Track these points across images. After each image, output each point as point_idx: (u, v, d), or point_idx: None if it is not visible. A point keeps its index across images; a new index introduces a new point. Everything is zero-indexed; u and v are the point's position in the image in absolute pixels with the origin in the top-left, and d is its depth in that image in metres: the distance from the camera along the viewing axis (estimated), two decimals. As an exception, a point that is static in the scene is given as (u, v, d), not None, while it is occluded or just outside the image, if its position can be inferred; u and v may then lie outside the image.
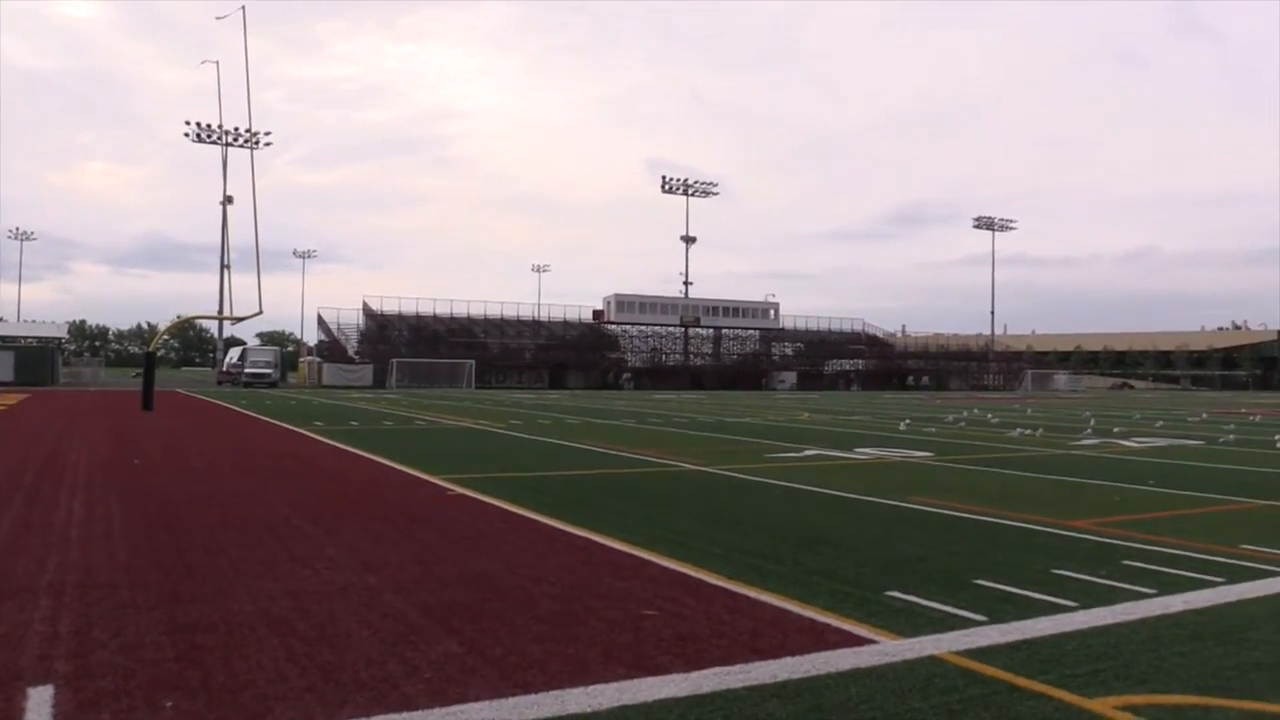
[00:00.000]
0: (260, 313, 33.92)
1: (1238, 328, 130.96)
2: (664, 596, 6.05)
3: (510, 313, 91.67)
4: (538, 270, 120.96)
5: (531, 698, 4.17)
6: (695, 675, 4.49)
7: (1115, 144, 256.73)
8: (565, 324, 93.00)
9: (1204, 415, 34.93)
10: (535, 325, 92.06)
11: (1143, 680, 4.54)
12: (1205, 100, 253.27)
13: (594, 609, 5.72)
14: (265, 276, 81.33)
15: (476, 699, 4.15)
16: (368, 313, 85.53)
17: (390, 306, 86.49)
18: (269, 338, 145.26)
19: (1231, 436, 22.85)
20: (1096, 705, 4.18)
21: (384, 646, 4.91)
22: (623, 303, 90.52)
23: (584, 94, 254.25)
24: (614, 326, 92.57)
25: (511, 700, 4.14)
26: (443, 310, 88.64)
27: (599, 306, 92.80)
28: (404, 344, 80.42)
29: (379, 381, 72.02)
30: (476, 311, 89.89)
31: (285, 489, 11.42)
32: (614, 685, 4.33)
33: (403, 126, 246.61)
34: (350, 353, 79.88)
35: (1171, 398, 68.00)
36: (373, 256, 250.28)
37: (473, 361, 75.68)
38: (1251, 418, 33.81)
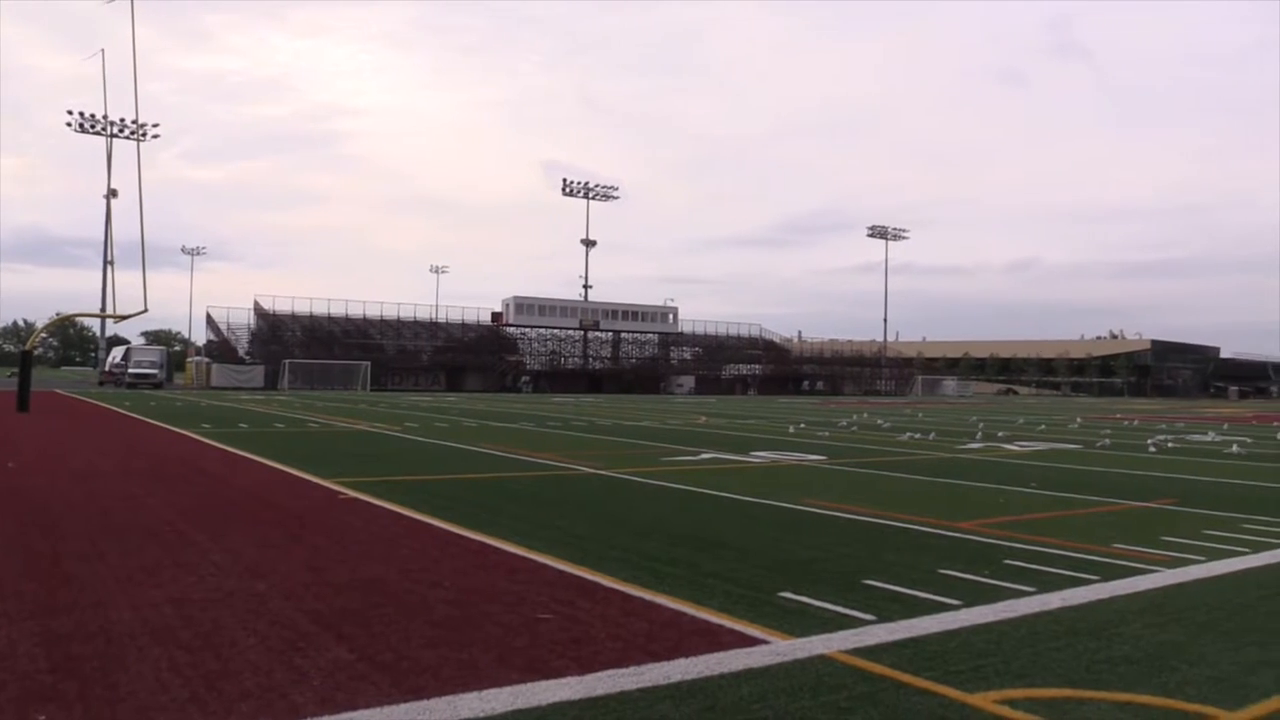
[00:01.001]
0: (145, 311, 32.75)
1: (1115, 337, 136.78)
2: (560, 600, 6.04)
3: (407, 314, 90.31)
4: (436, 271, 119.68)
5: (423, 703, 4.13)
6: (589, 678, 4.49)
7: (1000, 158, 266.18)
8: (463, 326, 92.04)
9: (1079, 421, 36.37)
10: (433, 327, 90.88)
11: (1021, 675, 4.71)
12: (1082, 118, 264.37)
13: (489, 613, 5.68)
14: (151, 273, 78.67)
15: (367, 706, 4.09)
16: (259, 312, 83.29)
17: (283, 306, 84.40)
18: (155, 337, 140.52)
19: (1107, 441, 23.84)
20: (977, 700, 4.32)
21: (271, 654, 4.80)
22: (522, 305, 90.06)
23: (482, 95, 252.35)
24: (513, 329, 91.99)
25: (403, 706, 4.09)
26: (337, 311, 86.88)
27: (498, 309, 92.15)
28: (297, 345, 78.53)
29: (270, 383, 70.26)
30: (373, 312, 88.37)
31: (170, 493, 11.05)
32: (508, 689, 4.31)
33: (296, 123, 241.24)
34: (240, 353, 77.71)
35: (1053, 403, 70.68)
36: (265, 255, 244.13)
37: (368, 363, 74.41)
38: (1125, 423, 35.34)
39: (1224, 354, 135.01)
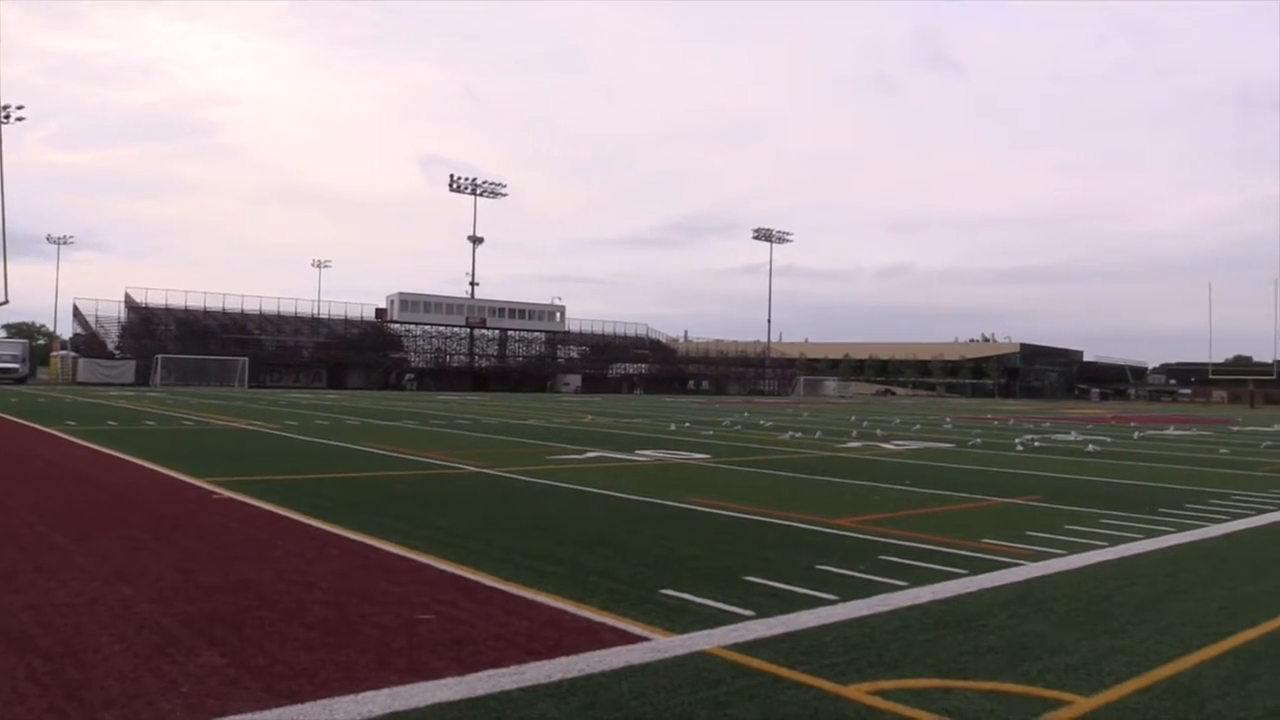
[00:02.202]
0: (6, 302, 31.11)
1: (986, 340, 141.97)
2: (441, 600, 5.98)
3: (288, 309, 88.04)
4: (318, 266, 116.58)
5: (298, 708, 4.03)
6: (470, 678, 4.46)
7: (875, 164, 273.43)
8: (346, 322, 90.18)
9: (948, 421, 37.64)
10: (314, 323, 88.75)
11: (893, 666, 4.86)
12: (952, 128, 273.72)
13: (367, 614, 5.58)
14: (12, 263, 74.70)
15: (239, 712, 3.97)
16: (130, 305, 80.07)
17: (156, 299, 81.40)
18: (16, 329, 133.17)
19: (978, 440, 24.74)
20: (851, 691, 4.44)
21: (137, 661, 4.62)
22: (406, 301, 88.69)
23: (365, 87, 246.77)
24: (397, 326, 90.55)
25: (276, 711, 3.99)
26: (214, 305, 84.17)
27: (382, 305, 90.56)
28: (171, 339, 75.79)
29: (142, 379, 67.68)
30: (251, 307, 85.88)
31: (31, 494, 10.54)
32: (386, 691, 4.25)
33: (170, 109, 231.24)
34: (110, 348, 74.55)
35: (928, 403, 72.98)
36: (137, 245, 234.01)
37: (246, 359, 72.26)
38: (995, 423, 36.73)
39: (1087, 357, 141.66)
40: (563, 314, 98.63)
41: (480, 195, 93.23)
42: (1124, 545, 8.68)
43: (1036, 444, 23.60)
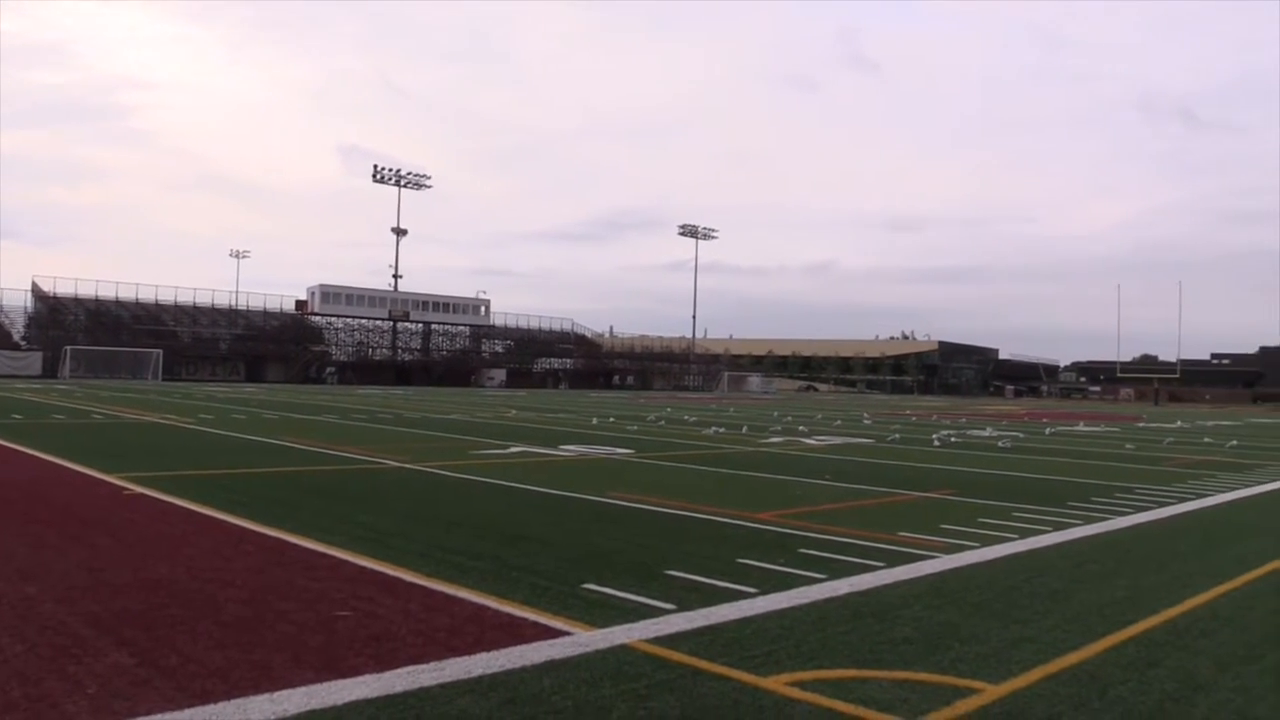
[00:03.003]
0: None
1: (906, 338, 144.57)
2: (360, 596, 5.91)
3: (204, 300, 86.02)
4: (236, 256, 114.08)
5: (210, 708, 3.96)
6: (388, 675, 4.42)
7: (798, 162, 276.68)
8: (265, 314, 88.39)
9: (867, 417, 38.29)
10: (232, 314, 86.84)
11: (811, 657, 4.94)
12: (873, 129, 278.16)
13: (284, 612, 5.50)
14: (-91, 250, 71.87)
15: (148, 713, 3.89)
16: (38, 294, 77.42)
17: (65, 288, 78.83)
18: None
19: (897, 436, 25.20)
20: (770, 683, 4.51)
21: (42, 662, 4.49)
22: (328, 294, 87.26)
23: (286, 74, 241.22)
24: (318, 318, 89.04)
25: (188, 712, 3.91)
26: (127, 295, 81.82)
27: (302, 297, 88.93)
28: (80, 330, 73.50)
29: (50, 371, 65.51)
30: (166, 298, 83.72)
31: (-73, 490, 10.14)
32: (302, 689, 4.19)
33: (82, 92, 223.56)
34: (15, 338, 71.98)
35: (850, 400, 74.12)
36: (44, 232, 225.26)
37: (160, 351, 70.43)
38: (913, 419, 37.45)
39: (1002, 355, 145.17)
40: (487, 308, 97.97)
41: (404, 187, 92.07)
42: (1034, 538, 8.93)
43: (953, 440, 24.12)
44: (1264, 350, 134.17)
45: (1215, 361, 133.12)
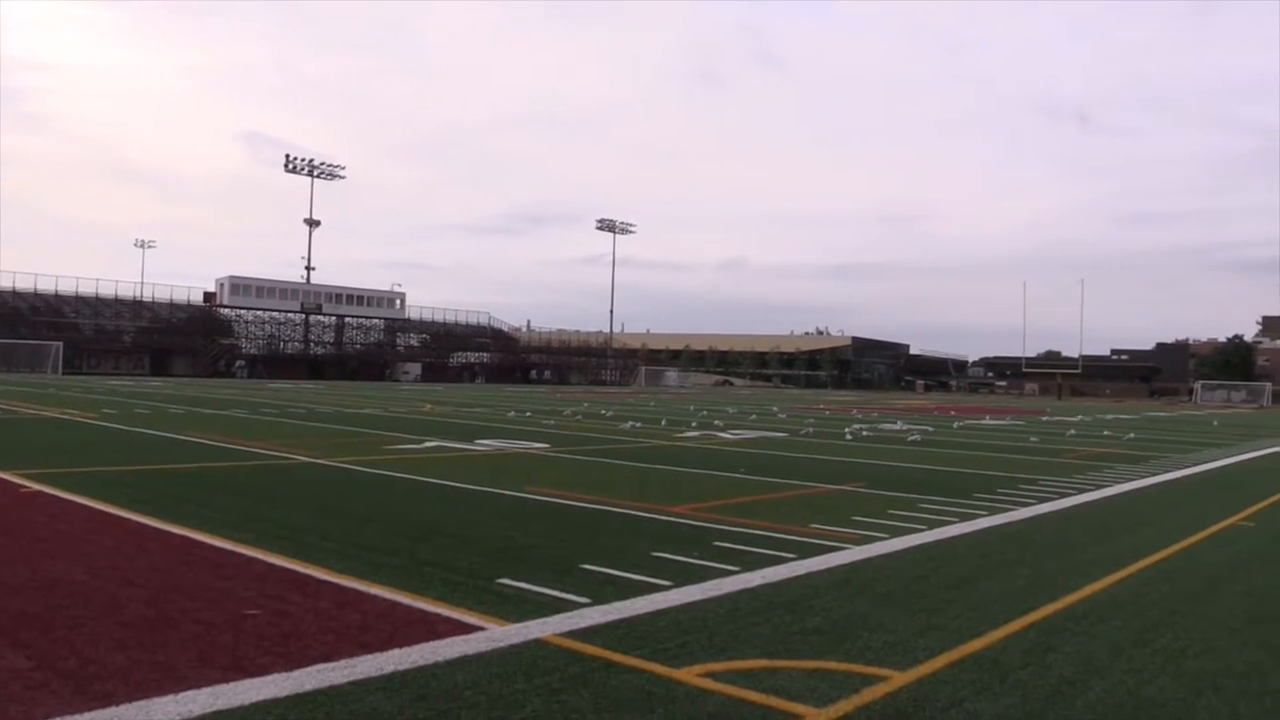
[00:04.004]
0: None
1: (820, 333, 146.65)
2: (269, 594, 5.81)
3: (107, 291, 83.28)
4: (141, 246, 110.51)
5: (111, 710, 3.86)
6: (298, 673, 4.36)
7: (711, 158, 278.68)
8: (172, 306, 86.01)
9: (778, 410, 38.78)
10: (136, 306, 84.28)
11: (723, 649, 5.00)
12: (785, 126, 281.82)
13: (189, 611, 5.37)
14: None
15: (46, 717, 3.77)
16: (-74, 285, 74.14)
17: (-44, 279, 75.54)
18: None
19: (810, 429, 25.58)
20: (682, 674, 4.55)
21: (-70, 665, 4.32)
22: (238, 285, 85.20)
23: (194, 59, 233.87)
24: (227, 310, 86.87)
25: (88, 715, 3.80)
26: (24, 285, 78.82)
27: (211, 289, 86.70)
28: (-28, 322, 70.53)
29: (-62, 365, 62.74)
30: (66, 288, 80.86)
31: None
32: (208, 690, 4.11)
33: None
34: (-99, 330, 68.87)
35: (765, 394, 74.98)
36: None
37: (60, 344, 67.96)
38: (827, 413, 38.05)
39: (913, 351, 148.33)
40: (403, 301, 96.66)
41: (317, 177, 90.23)
42: (941, 529, 9.15)
43: (865, 433, 24.57)
44: (1160, 346, 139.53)
45: (1115, 357, 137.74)
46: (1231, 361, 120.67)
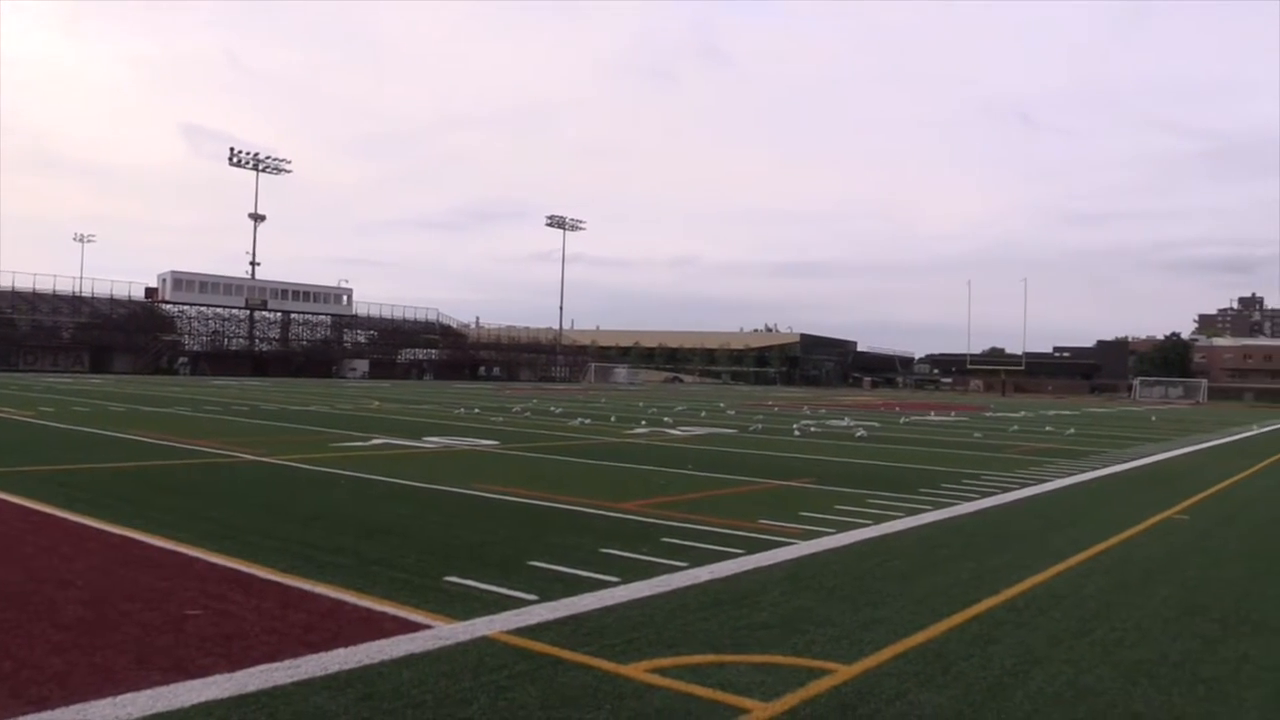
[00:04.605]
0: None
1: (769, 330, 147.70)
2: (211, 595, 5.72)
3: (45, 286, 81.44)
4: (81, 240, 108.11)
5: (48, 715, 3.77)
6: (240, 674, 4.30)
7: (661, 156, 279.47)
8: (112, 301, 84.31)
9: (724, 406, 38.97)
10: (75, 302, 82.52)
11: (671, 644, 5.01)
12: (735, 126, 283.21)
13: (129, 612, 5.27)
14: None
15: (-22, 721, 3.68)
16: None
17: (-115, 274, 73.45)
18: None
19: (759, 426, 25.74)
20: (630, 670, 4.56)
21: None
22: (180, 281, 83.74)
23: (135, 49, 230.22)
24: (170, 306, 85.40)
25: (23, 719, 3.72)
26: (-43, 280, 76.77)
27: (153, 284, 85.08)
28: (-98, 318, 68.61)
29: None
30: (3, 283, 78.86)
31: None
32: (147, 693, 4.04)
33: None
34: None
35: (714, 391, 75.29)
36: None
37: (-6, 341, 66.30)
38: (775, 409, 38.31)
39: (860, 348, 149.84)
40: (350, 297, 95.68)
41: (263, 171, 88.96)
42: (887, 523, 9.26)
43: (812, 429, 24.77)
44: (1101, 344, 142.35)
45: (1057, 354, 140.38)
46: (1169, 358, 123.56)
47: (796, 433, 23.14)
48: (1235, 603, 6.54)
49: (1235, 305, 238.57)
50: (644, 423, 25.47)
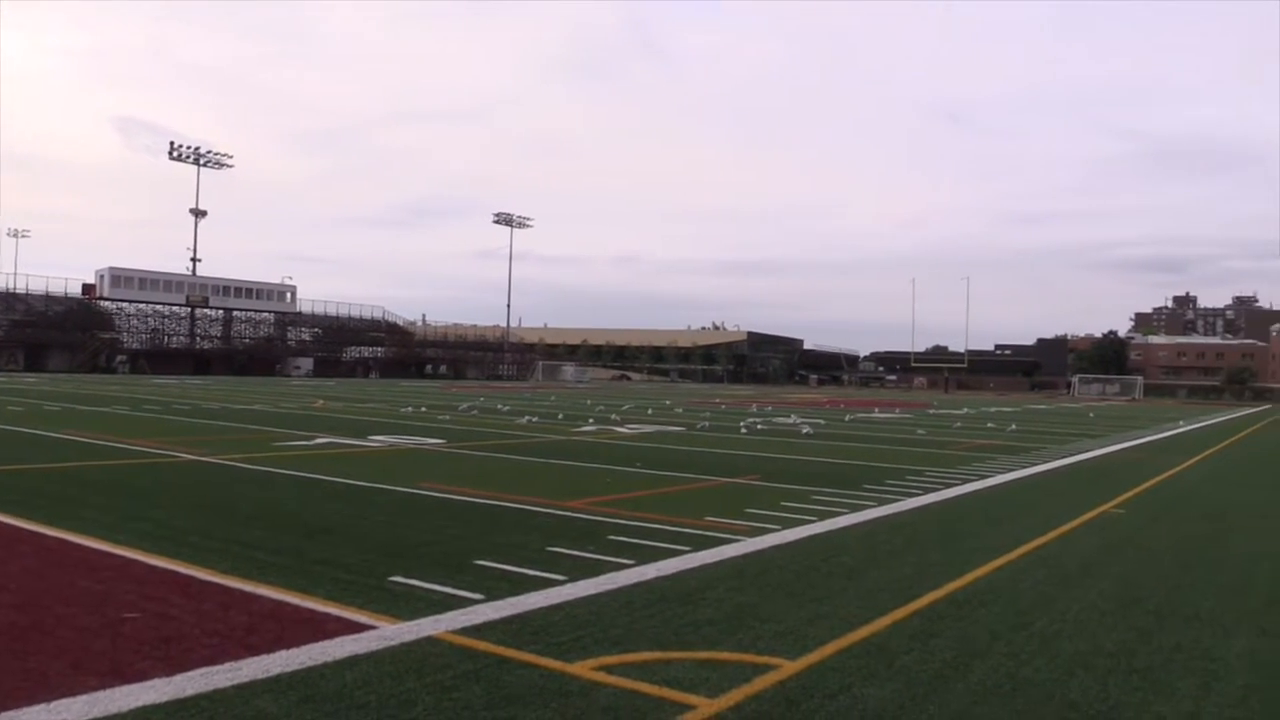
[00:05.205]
0: None
1: (717, 328, 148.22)
2: (150, 597, 5.61)
3: (-25, 283, 79.22)
4: (15, 235, 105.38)
5: (-23, 721, 3.69)
6: (179, 678, 4.23)
7: (607, 153, 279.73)
8: (48, 298, 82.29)
9: (671, 405, 39.10)
10: (9, 299, 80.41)
11: (617, 642, 5.02)
12: (678, 123, 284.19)
13: (64, 617, 5.16)
14: None
15: (-96, 730, 3.58)
16: None
17: None
18: None
19: (706, 423, 25.84)
20: (576, 668, 4.56)
21: None
22: (119, 277, 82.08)
23: (67, 40, 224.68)
24: (108, 303, 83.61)
25: (-49, 726, 3.63)
26: (-118, 277, 74.46)
27: (91, 280, 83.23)
28: None
29: None
30: (-71, 280, 76.66)
31: None
32: (83, 698, 3.95)
33: None
34: None
35: (662, 388, 75.44)
36: None
37: (-78, 339, 64.46)
38: (723, 407, 38.50)
39: (807, 346, 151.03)
40: (294, 294, 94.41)
41: (204, 166, 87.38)
42: (832, 520, 9.35)
43: (759, 427, 24.92)
44: (1041, 342, 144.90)
45: (999, 352, 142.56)
46: (1106, 356, 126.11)
47: (743, 430, 23.26)
48: (1169, 594, 6.71)
49: (1170, 304, 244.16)
50: (592, 421, 25.45)
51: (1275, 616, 6.20)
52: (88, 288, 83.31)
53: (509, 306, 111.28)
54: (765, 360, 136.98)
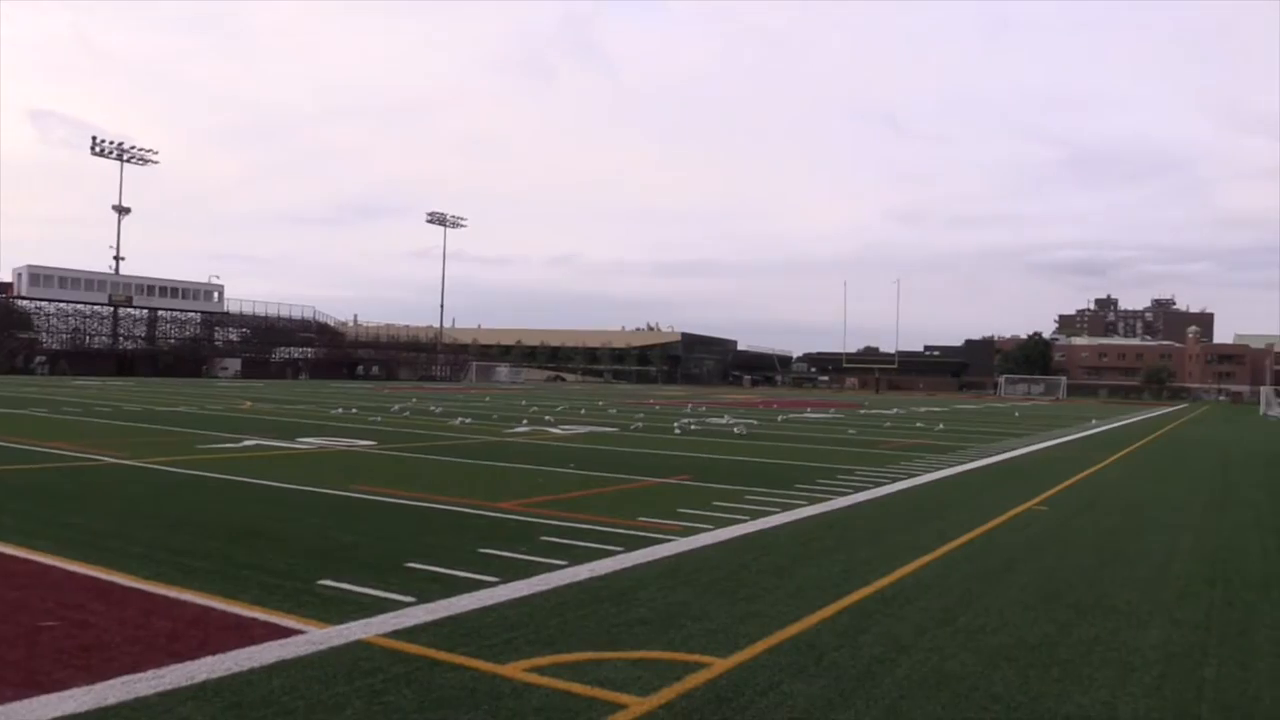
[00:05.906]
0: None
1: (651, 329, 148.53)
2: (68, 604, 5.47)
3: (-118, 281, 76.34)
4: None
5: (-115, 734, 3.57)
6: (100, 687, 4.13)
7: (541, 153, 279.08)
8: (-40, 298, 79.57)
9: (605, 406, 39.12)
10: (-82, 298, 77.63)
11: (549, 642, 5.02)
12: (613, 123, 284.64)
13: (-23, 625, 5.01)
14: None
15: None
16: None
17: None
18: None
19: (640, 424, 25.90)
20: (508, 670, 4.55)
21: None
22: (38, 276, 79.66)
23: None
24: (26, 302, 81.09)
25: None
26: None
27: (7, 278, 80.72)
28: None
29: None
30: None
31: None
32: (-2, 708, 3.85)
33: None
34: None
35: (596, 389, 75.43)
36: None
37: None
38: (656, 407, 38.61)
39: (741, 347, 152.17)
40: (221, 294, 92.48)
41: (127, 161, 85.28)
42: (763, 519, 9.44)
43: (693, 427, 25.05)
44: (969, 343, 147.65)
45: (928, 353, 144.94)
46: (1032, 357, 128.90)
47: (677, 431, 23.36)
48: (1088, 588, 6.89)
49: (1092, 306, 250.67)
50: (525, 422, 25.36)
51: (1187, 608, 6.41)
52: (4, 286, 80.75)
53: (442, 307, 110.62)
54: (699, 361, 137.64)
